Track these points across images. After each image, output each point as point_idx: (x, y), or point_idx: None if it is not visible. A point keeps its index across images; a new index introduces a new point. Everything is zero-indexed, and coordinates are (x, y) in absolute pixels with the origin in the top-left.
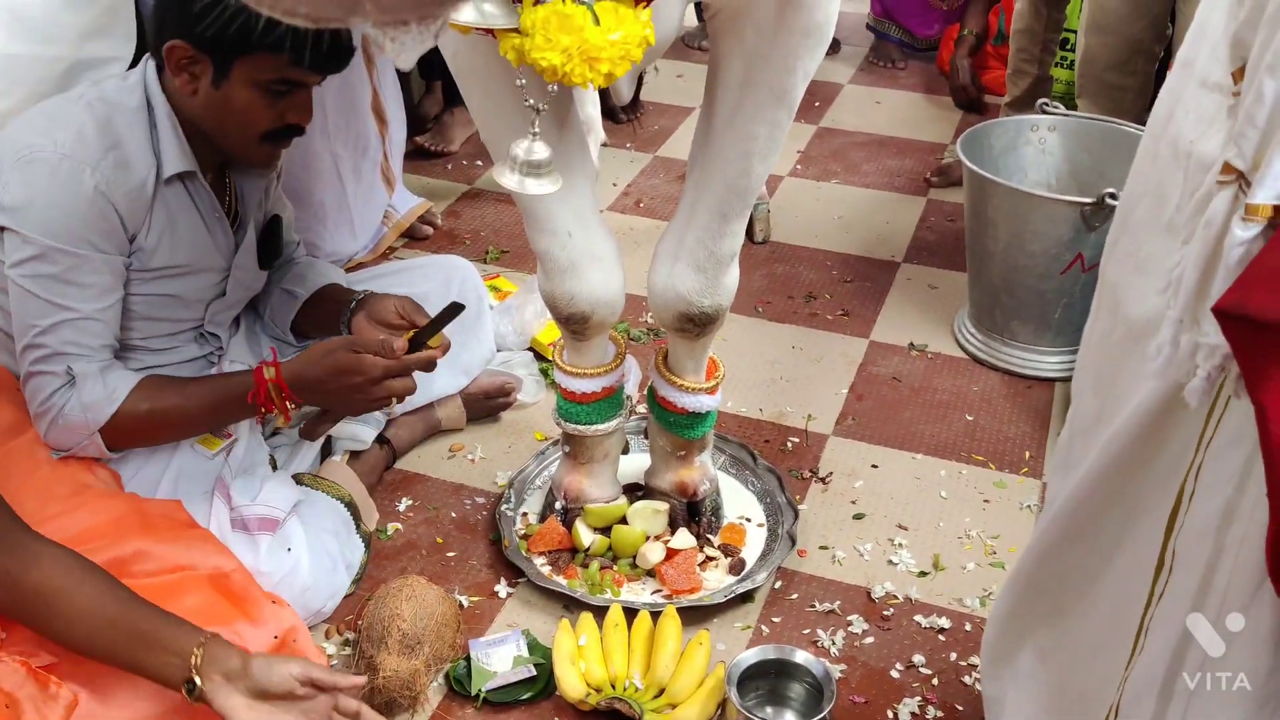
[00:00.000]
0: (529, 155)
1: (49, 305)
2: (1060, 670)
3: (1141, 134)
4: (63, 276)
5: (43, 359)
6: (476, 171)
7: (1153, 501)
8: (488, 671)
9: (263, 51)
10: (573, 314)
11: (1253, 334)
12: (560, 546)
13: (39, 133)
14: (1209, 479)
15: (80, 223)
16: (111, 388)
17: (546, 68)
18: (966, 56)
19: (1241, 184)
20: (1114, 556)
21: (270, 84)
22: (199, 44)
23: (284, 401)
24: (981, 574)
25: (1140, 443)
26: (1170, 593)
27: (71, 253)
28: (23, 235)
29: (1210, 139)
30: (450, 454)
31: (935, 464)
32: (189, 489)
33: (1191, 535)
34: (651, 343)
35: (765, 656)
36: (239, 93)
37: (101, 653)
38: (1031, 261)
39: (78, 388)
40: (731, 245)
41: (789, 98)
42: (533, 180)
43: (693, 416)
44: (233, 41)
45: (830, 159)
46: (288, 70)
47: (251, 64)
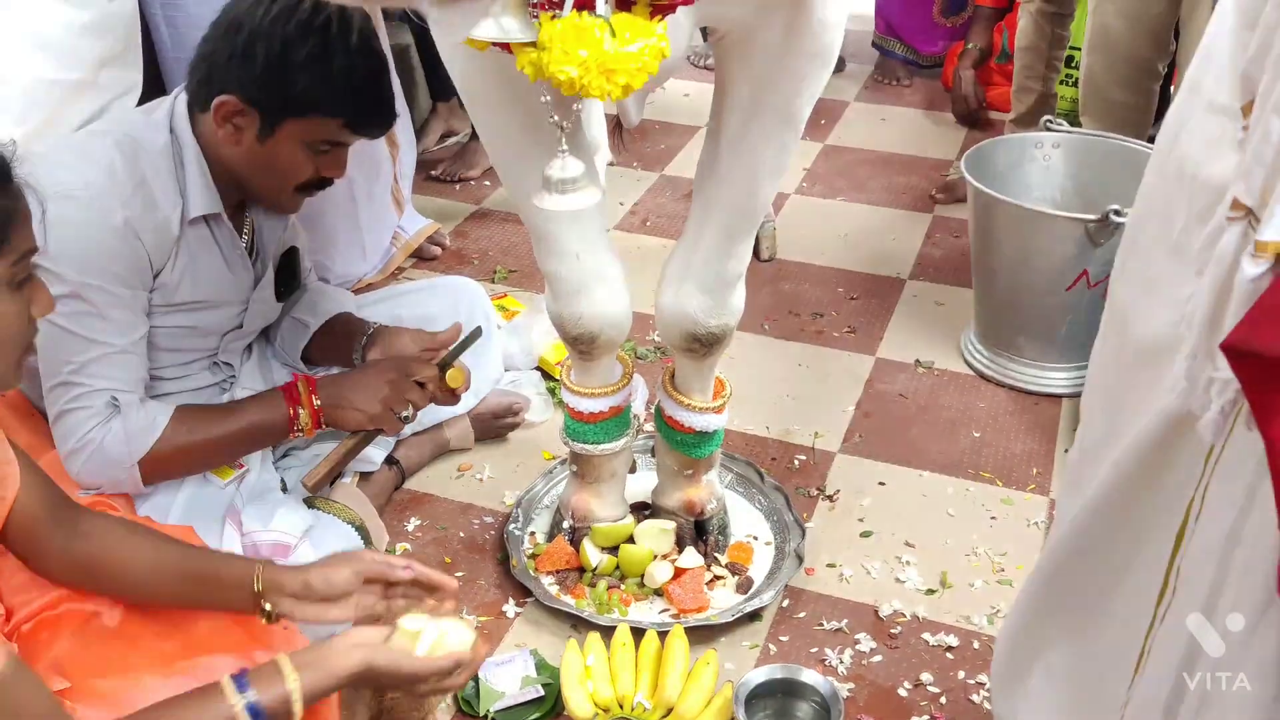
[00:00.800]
0: (562, 173)
1: (84, 341)
2: (1069, 690)
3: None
4: (96, 312)
5: (79, 396)
6: (484, 192)
7: (1160, 521)
8: (496, 692)
9: (317, 115)
10: (580, 334)
11: (1261, 370)
12: (568, 566)
13: (69, 169)
14: (1215, 499)
15: (111, 259)
16: (151, 417)
17: (564, 80)
18: (969, 68)
19: (1251, 220)
20: (1122, 577)
21: (317, 144)
22: (251, 100)
23: (311, 395)
24: (989, 591)
25: (1148, 463)
26: (1173, 613)
27: (103, 289)
28: (56, 272)
29: (1216, 162)
30: (458, 474)
31: (942, 481)
32: (200, 517)
33: (1197, 556)
34: (659, 361)
35: (773, 676)
36: (284, 149)
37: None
38: (1037, 278)
39: (123, 417)
40: (738, 266)
41: (796, 120)
42: (572, 196)
43: (700, 436)
44: (289, 105)
45: (836, 176)
46: (338, 133)
47: (303, 125)
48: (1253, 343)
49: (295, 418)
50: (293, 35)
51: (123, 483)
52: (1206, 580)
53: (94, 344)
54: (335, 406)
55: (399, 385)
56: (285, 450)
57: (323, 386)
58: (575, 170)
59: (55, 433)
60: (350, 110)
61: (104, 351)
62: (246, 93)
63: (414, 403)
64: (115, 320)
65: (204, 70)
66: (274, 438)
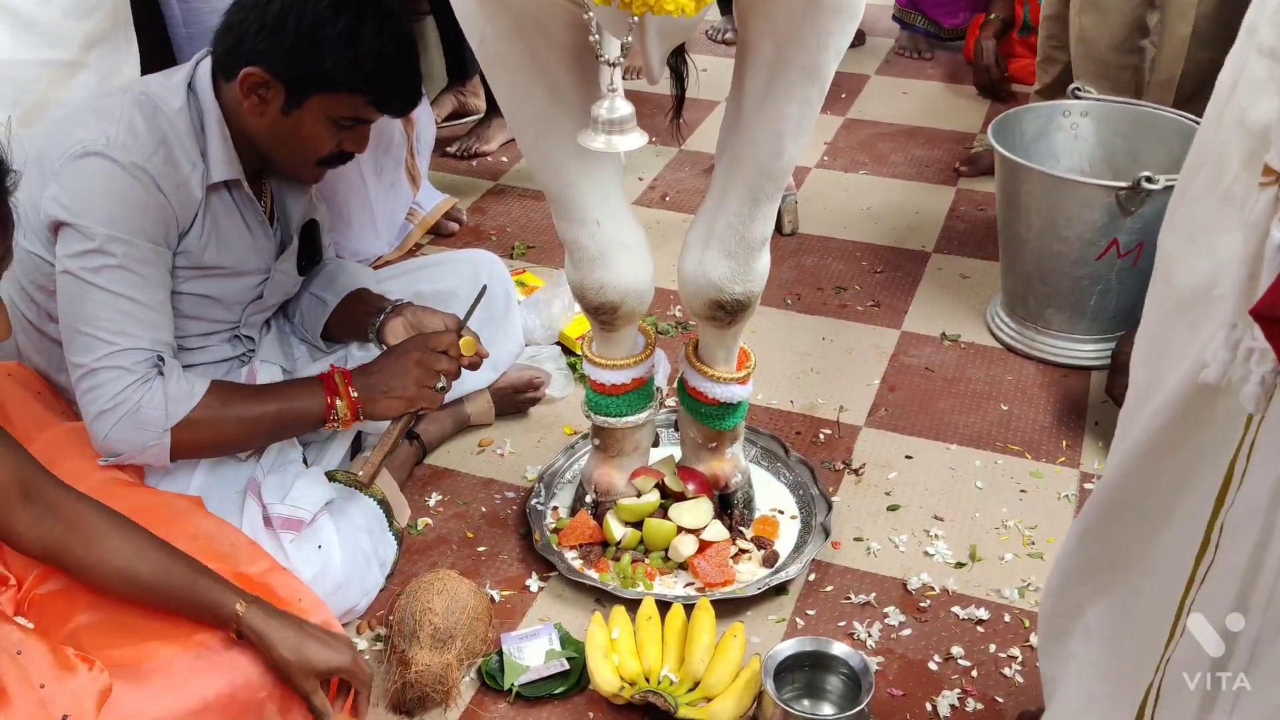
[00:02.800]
0: (611, 113)
1: (112, 296)
2: (1105, 651)
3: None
4: (125, 266)
5: (114, 354)
6: (502, 168)
7: (1198, 478)
8: (520, 665)
9: (344, 91)
10: (602, 304)
11: None
12: (591, 540)
13: (89, 128)
14: (1261, 454)
15: (138, 212)
16: (190, 384)
17: None
18: (992, 39)
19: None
20: (1158, 535)
21: (341, 119)
22: (278, 74)
23: (347, 388)
24: (1020, 565)
25: (1184, 416)
26: (1214, 574)
27: (130, 243)
28: (82, 229)
29: (1260, 105)
30: (479, 449)
31: (970, 454)
32: (220, 491)
33: (1241, 513)
34: (679, 336)
35: (802, 648)
36: (308, 123)
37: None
38: (1066, 248)
39: (164, 379)
40: (763, 230)
41: (821, 76)
42: (619, 137)
43: (724, 407)
44: (316, 80)
45: (858, 150)
46: (363, 110)
47: (329, 101)
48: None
49: (332, 407)
50: (324, 11)
51: (150, 450)
52: (1251, 539)
53: (123, 299)
54: (372, 399)
55: (425, 360)
56: None
57: (356, 379)
58: (624, 110)
59: (80, 390)
60: (377, 89)
61: (134, 308)
62: (274, 66)
63: (444, 373)
64: (144, 276)
65: (232, 39)
66: (308, 426)
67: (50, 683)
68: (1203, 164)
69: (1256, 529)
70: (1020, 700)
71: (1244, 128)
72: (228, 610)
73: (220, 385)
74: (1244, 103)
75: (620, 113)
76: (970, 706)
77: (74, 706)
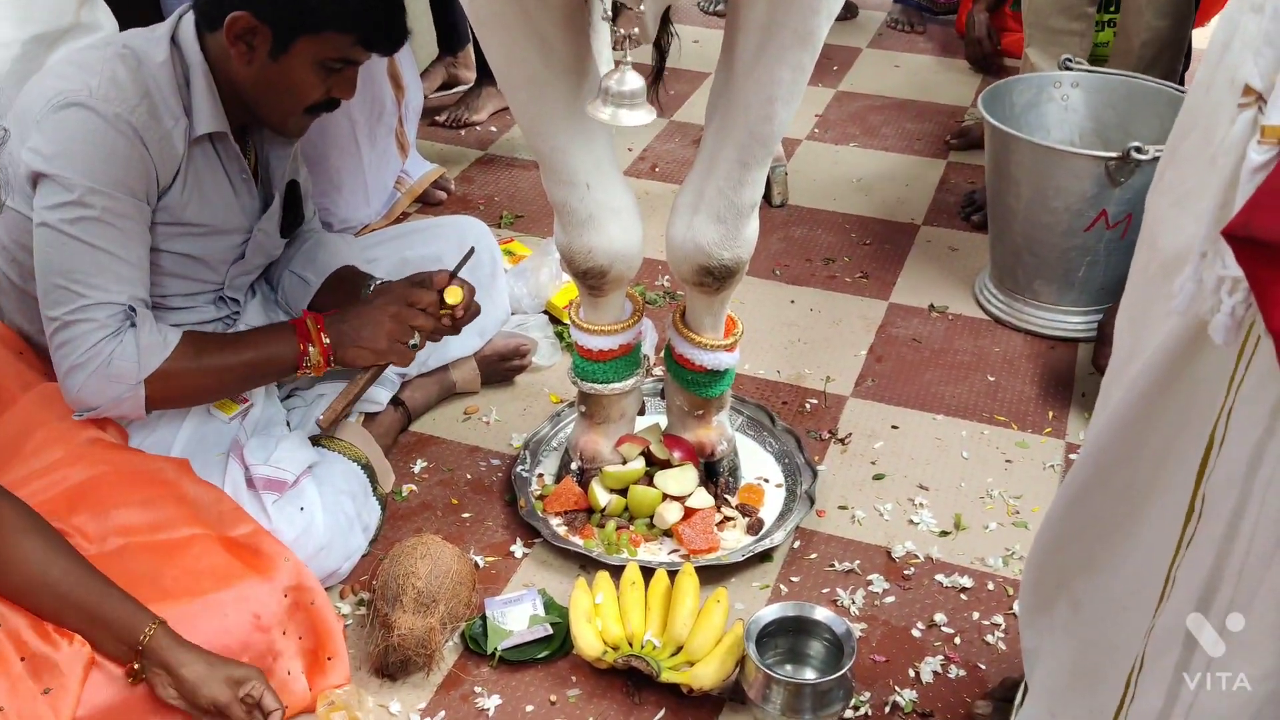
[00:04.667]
0: (620, 85)
1: (89, 248)
2: (1093, 622)
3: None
4: (102, 219)
5: (86, 307)
6: (490, 137)
7: (1183, 446)
8: (504, 630)
9: (330, 31)
10: (590, 268)
11: (1264, 258)
12: (576, 507)
13: (70, 80)
14: (1239, 422)
15: (118, 164)
16: (163, 334)
17: None
18: (984, 12)
19: (1260, 106)
20: (1146, 504)
21: (329, 61)
22: (264, 17)
23: (320, 333)
24: (1004, 534)
25: (1165, 381)
26: (1198, 540)
27: (110, 195)
28: (61, 180)
29: (1248, 63)
30: (465, 416)
31: (956, 425)
32: (203, 452)
33: (1220, 481)
34: (667, 305)
35: (785, 613)
36: (296, 68)
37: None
38: (1054, 219)
39: (136, 330)
40: (752, 195)
41: (813, 39)
42: (626, 111)
43: (711, 374)
44: (302, 20)
45: (848, 122)
46: (350, 50)
47: (316, 42)
48: (1251, 228)
49: (305, 353)
50: None
51: (124, 402)
52: (1230, 504)
53: (100, 252)
54: (342, 346)
55: (401, 315)
56: (289, 390)
57: (330, 325)
58: (634, 84)
59: (54, 344)
60: (363, 26)
61: (110, 261)
62: (259, 9)
63: (420, 329)
64: (122, 230)
65: None
66: (282, 373)
67: (31, 657)
68: (1193, 126)
69: (1234, 497)
70: (1002, 668)
71: (1235, 87)
72: (135, 631)
73: (193, 335)
74: (1235, 62)
75: (630, 85)
76: (953, 673)
77: (56, 680)
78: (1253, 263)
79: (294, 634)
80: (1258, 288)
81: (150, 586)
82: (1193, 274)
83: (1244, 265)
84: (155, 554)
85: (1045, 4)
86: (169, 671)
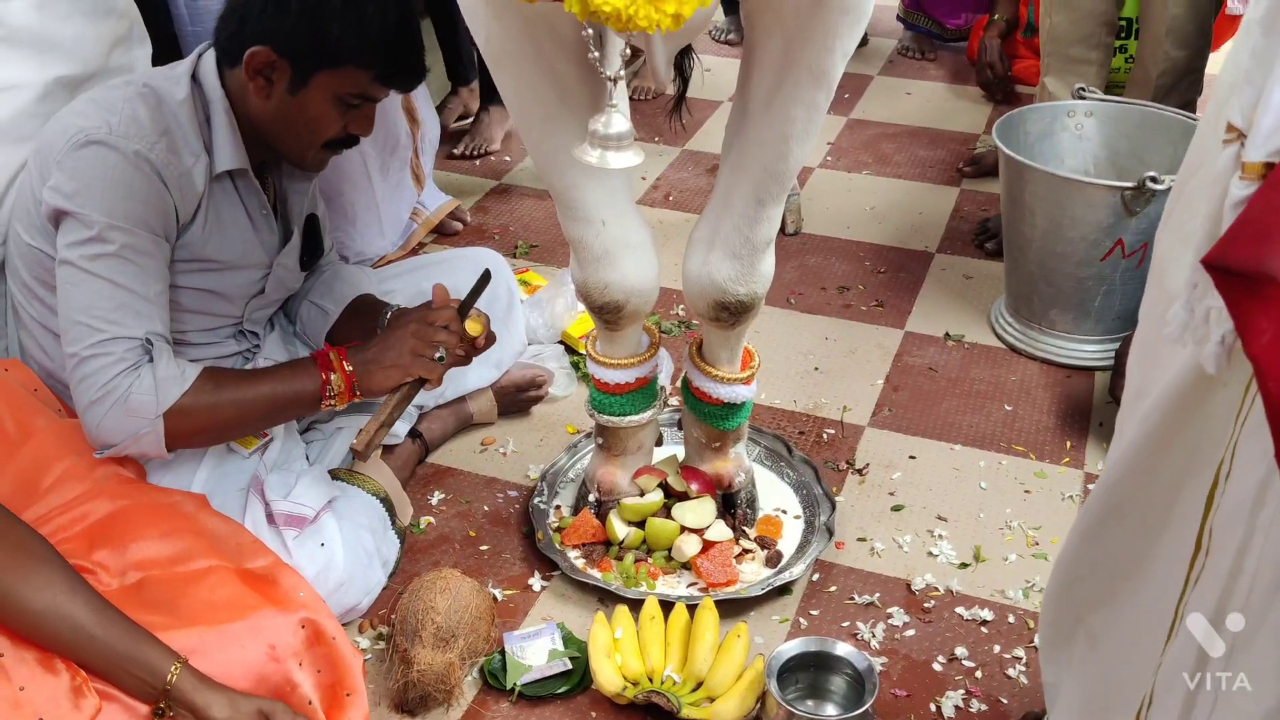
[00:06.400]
0: (608, 129)
1: (108, 285)
2: (1108, 656)
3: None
4: (122, 256)
5: (104, 341)
6: (505, 167)
7: (1192, 481)
8: (523, 665)
9: (349, 66)
10: (606, 303)
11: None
12: (594, 539)
13: (90, 118)
14: (1244, 457)
15: (138, 201)
16: (181, 369)
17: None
18: (995, 39)
19: (1242, 142)
20: (1157, 539)
21: (347, 97)
22: (283, 52)
23: (342, 362)
24: (1024, 565)
25: (1175, 417)
26: (1205, 577)
27: (130, 232)
28: (82, 218)
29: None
30: (482, 448)
31: (974, 455)
32: (223, 488)
33: (1226, 516)
34: (683, 335)
35: (806, 648)
36: (314, 102)
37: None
38: (1070, 248)
39: (153, 364)
40: (768, 231)
41: (828, 78)
42: (614, 154)
43: (728, 407)
44: (321, 55)
45: (861, 150)
46: (369, 86)
47: (334, 77)
48: (1226, 258)
49: (327, 383)
50: None
51: (144, 438)
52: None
53: (118, 288)
54: (366, 372)
55: (421, 331)
56: (308, 423)
57: (351, 354)
58: (621, 126)
59: (73, 381)
60: (381, 61)
61: (128, 298)
62: (278, 43)
63: (442, 343)
64: (141, 266)
65: (235, 23)
66: (305, 408)
67: (29, 685)
68: (1199, 165)
69: (1239, 533)
70: (1024, 701)
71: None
72: (160, 673)
73: (212, 370)
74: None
75: (616, 128)
76: (974, 707)
77: (52, 709)
78: (1231, 292)
79: (311, 667)
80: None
81: (167, 615)
82: (1185, 304)
83: (1223, 294)
84: (173, 585)
85: (1064, 33)
86: (195, 714)
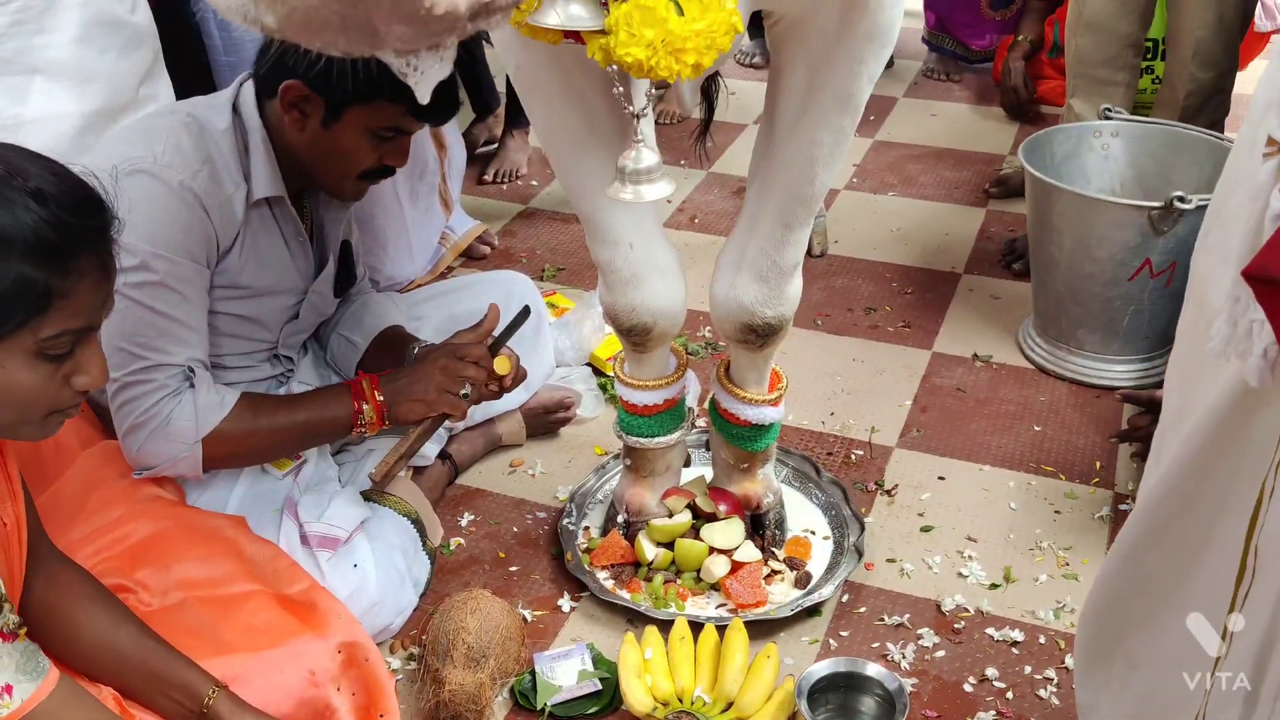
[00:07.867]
0: (637, 164)
1: (150, 313)
2: (1150, 679)
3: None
4: (165, 284)
5: (147, 369)
6: (532, 191)
7: (1236, 501)
8: (553, 685)
9: (381, 100)
10: (634, 326)
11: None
12: (623, 560)
13: (135, 146)
14: None
15: (180, 230)
16: (221, 395)
17: (632, 63)
18: (1020, 60)
19: None
20: (1199, 560)
21: (380, 130)
22: (316, 86)
23: (374, 392)
24: (1055, 586)
25: (1218, 437)
26: (1253, 598)
27: (172, 261)
28: (126, 246)
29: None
30: (511, 469)
31: (1003, 475)
32: (258, 509)
33: (1271, 537)
34: (710, 357)
35: (836, 669)
36: (348, 135)
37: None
38: (1098, 268)
39: (195, 391)
40: (795, 255)
41: (854, 102)
42: (646, 187)
43: (755, 429)
44: (354, 90)
45: (886, 171)
46: (401, 119)
47: (367, 111)
48: (1270, 268)
49: (359, 412)
50: None
51: (181, 461)
52: None
53: (160, 316)
54: (396, 402)
55: (451, 368)
56: (340, 445)
57: (383, 383)
58: (650, 160)
59: (115, 405)
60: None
61: (170, 325)
62: (311, 78)
63: (471, 380)
64: (183, 294)
65: (272, 55)
66: (337, 433)
67: None
68: (1236, 185)
69: None
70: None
71: None
72: (198, 697)
73: (250, 396)
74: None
75: (646, 163)
76: None
77: None
78: (1273, 303)
79: (348, 690)
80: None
81: (209, 641)
82: (1227, 318)
83: (1265, 305)
84: (214, 608)
85: (1091, 55)
86: None
